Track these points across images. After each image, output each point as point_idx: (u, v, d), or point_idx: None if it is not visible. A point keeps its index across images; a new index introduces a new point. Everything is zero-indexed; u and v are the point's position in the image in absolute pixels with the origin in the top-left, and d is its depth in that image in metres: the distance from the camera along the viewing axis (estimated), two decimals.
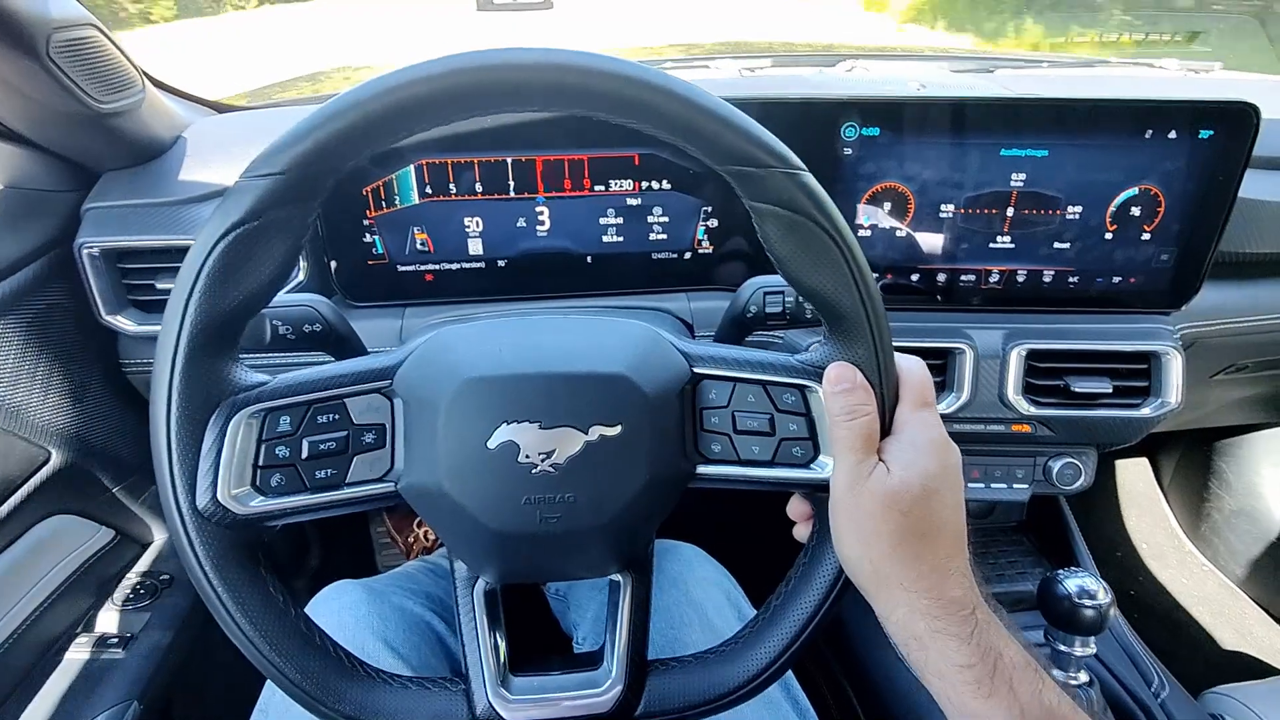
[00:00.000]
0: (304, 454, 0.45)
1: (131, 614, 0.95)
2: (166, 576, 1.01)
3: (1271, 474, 1.43)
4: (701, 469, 0.48)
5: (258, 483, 0.44)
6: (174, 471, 0.42)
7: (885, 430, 0.46)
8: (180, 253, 0.81)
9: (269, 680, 0.66)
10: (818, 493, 0.48)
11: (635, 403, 0.45)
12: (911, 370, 0.47)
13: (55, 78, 0.70)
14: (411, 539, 1.50)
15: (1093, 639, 0.77)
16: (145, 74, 0.85)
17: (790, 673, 0.70)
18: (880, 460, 0.44)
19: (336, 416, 0.46)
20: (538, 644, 0.86)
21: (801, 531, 0.53)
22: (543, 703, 0.49)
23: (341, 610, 0.72)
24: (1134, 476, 1.69)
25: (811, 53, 1.51)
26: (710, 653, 0.52)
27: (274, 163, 0.39)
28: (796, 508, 0.52)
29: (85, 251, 0.80)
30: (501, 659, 0.50)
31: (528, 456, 0.44)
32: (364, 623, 0.70)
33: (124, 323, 0.83)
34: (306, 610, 0.48)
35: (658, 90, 0.39)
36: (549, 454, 0.44)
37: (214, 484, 0.42)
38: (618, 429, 0.45)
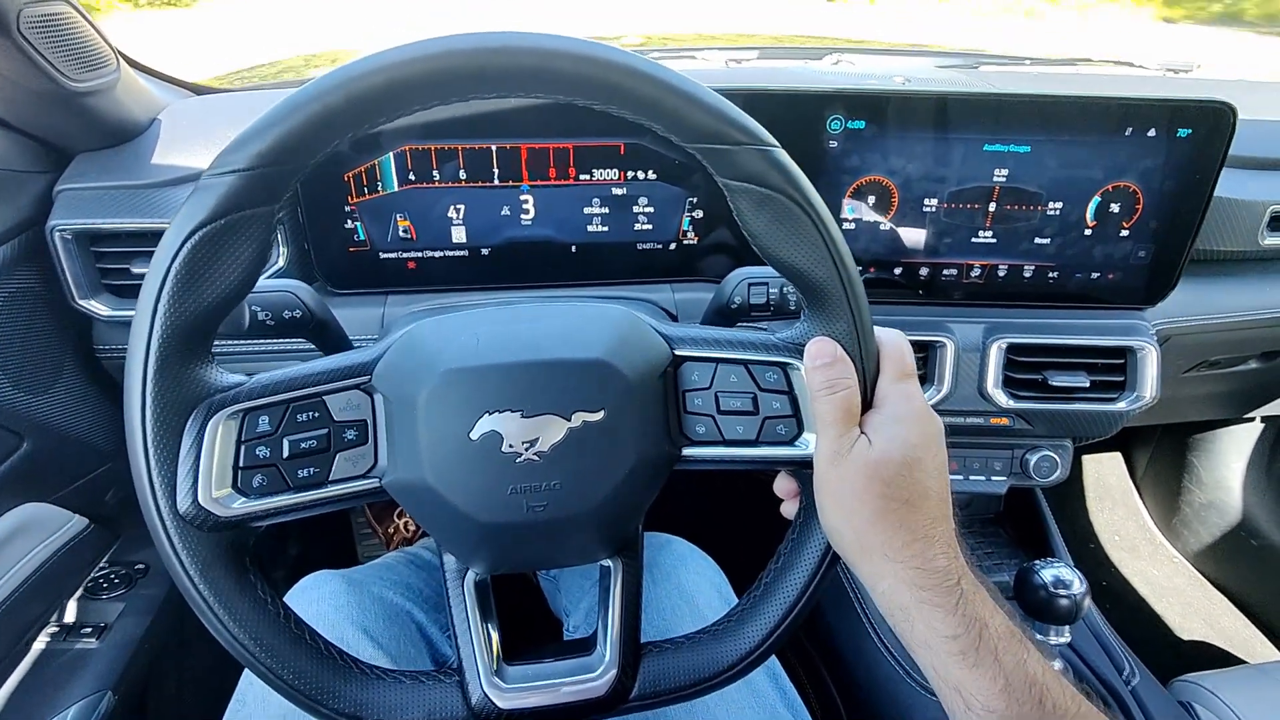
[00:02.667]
0: (285, 453, 0.44)
1: (105, 603, 0.94)
2: (141, 566, 1.00)
3: (1241, 468, 1.47)
4: (687, 451, 0.49)
5: (239, 484, 0.43)
6: (153, 477, 0.41)
7: (867, 403, 0.46)
8: (156, 236, 0.80)
9: (246, 671, 0.66)
10: (803, 469, 0.48)
11: (617, 387, 0.45)
12: (891, 342, 0.48)
13: (26, 54, 0.68)
14: (391, 530, 1.49)
15: (1067, 628, 0.79)
16: (120, 54, 0.83)
17: (775, 659, 0.70)
18: (862, 433, 0.45)
19: (316, 414, 0.45)
20: (529, 630, 0.86)
21: (789, 509, 0.53)
22: (538, 690, 0.49)
23: (321, 600, 0.71)
24: (1107, 471, 1.72)
25: (797, 46, 1.51)
26: (703, 632, 0.52)
27: (237, 159, 0.38)
28: (783, 485, 0.53)
29: (58, 234, 0.78)
30: (495, 649, 0.50)
31: (511, 446, 0.44)
32: (344, 613, 0.70)
33: (98, 307, 0.82)
34: (285, 600, 0.48)
35: (621, 69, 0.39)
36: (532, 442, 0.44)
37: (194, 487, 0.42)
38: (600, 414, 0.45)
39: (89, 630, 0.90)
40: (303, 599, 0.72)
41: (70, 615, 0.93)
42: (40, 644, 0.89)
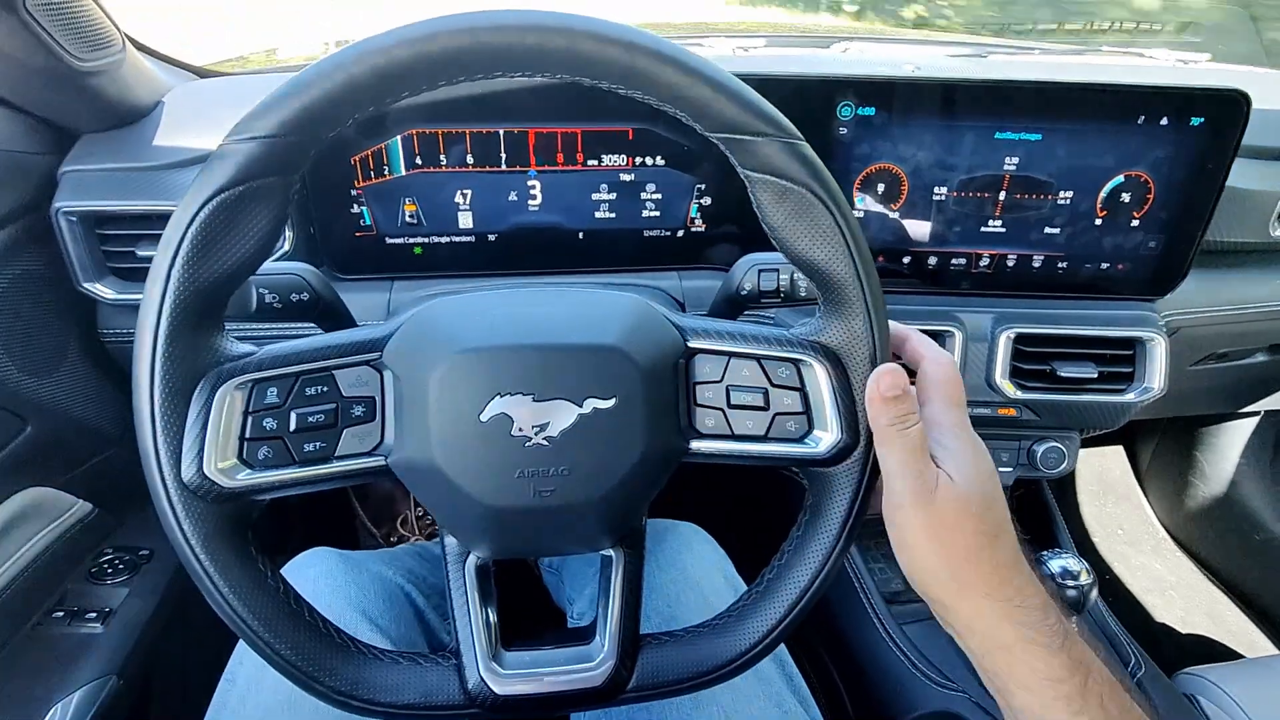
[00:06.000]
0: (292, 426, 0.44)
1: (110, 588, 0.94)
2: (146, 551, 0.99)
3: (1244, 462, 1.46)
4: (695, 444, 0.48)
5: (244, 456, 0.43)
6: (158, 445, 0.41)
7: None
8: (162, 219, 0.79)
9: (237, 650, 0.66)
10: (811, 468, 0.48)
11: (629, 375, 0.45)
12: (942, 366, 0.46)
13: (34, 33, 0.67)
14: (395, 538, 1.46)
15: (1074, 619, 0.78)
16: (126, 35, 0.83)
17: (784, 647, 0.70)
18: (939, 468, 0.43)
19: (325, 389, 0.45)
20: (531, 619, 0.86)
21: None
22: (534, 677, 0.49)
23: (317, 578, 0.70)
24: (1111, 464, 1.72)
25: (805, 33, 1.51)
26: (703, 626, 0.52)
27: (258, 126, 0.38)
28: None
29: (63, 216, 0.78)
30: (494, 634, 0.50)
31: (521, 429, 0.44)
32: (341, 592, 0.69)
33: (103, 291, 0.81)
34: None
35: (650, 54, 0.39)
36: (542, 426, 0.44)
37: (199, 457, 0.41)
38: (612, 402, 0.44)
39: (93, 615, 0.90)
40: (297, 576, 0.71)
41: (75, 600, 0.92)
42: (45, 629, 0.89)
